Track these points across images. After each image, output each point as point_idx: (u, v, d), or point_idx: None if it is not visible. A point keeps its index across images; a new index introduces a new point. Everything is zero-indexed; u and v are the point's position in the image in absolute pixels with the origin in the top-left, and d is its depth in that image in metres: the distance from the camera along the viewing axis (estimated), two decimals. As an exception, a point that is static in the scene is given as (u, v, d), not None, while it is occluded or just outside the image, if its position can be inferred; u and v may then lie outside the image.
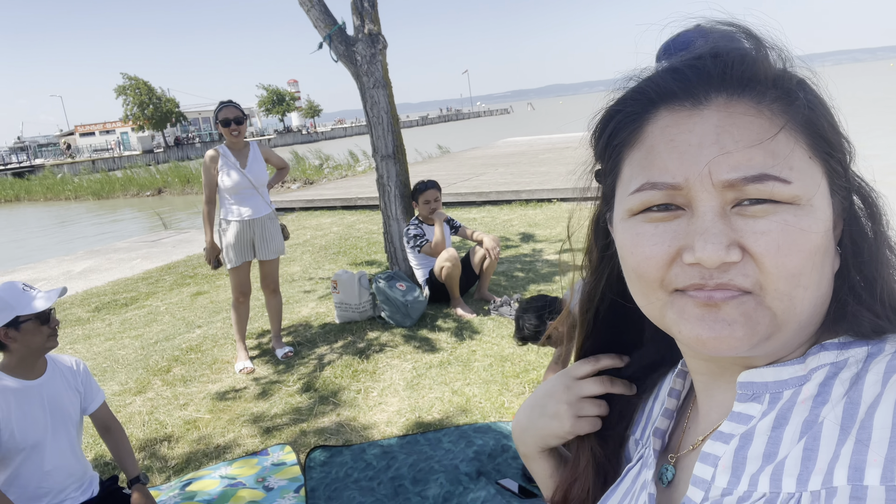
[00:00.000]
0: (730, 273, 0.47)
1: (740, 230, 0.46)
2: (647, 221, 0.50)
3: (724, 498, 0.49)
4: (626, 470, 0.67)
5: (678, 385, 0.65)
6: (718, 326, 0.47)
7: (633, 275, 0.53)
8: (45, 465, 2.45)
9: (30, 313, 2.35)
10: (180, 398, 4.08)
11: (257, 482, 2.98)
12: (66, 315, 6.61)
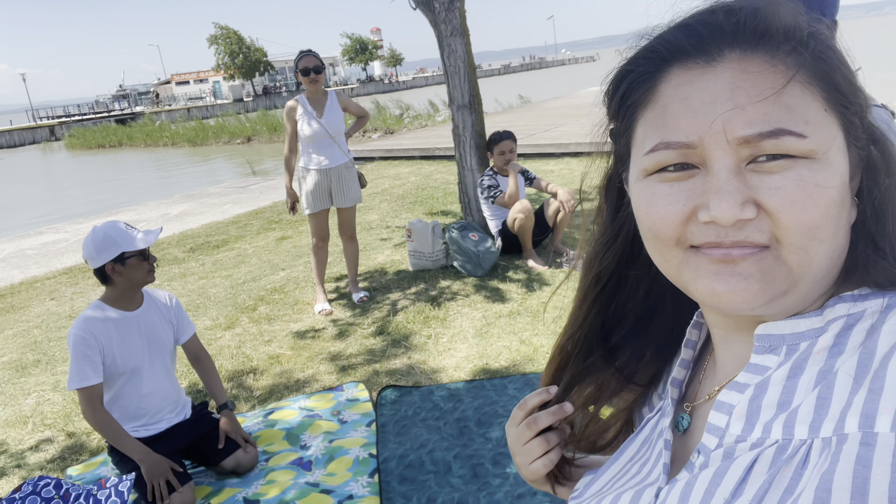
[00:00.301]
0: (745, 230, 0.47)
1: (755, 187, 0.47)
2: (662, 181, 0.51)
3: (737, 444, 0.50)
4: (646, 420, 0.68)
5: (694, 336, 0.65)
6: (734, 280, 0.48)
7: (649, 234, 0.53)
8: (143, 389, 2.71)
9: (133, 250, 2.57)
10: (265, 335, 4.36)
11: (333, 415, 3.18)
12: (163, 255, 7.10)
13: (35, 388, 4.03)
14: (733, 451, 0.50)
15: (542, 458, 0.73)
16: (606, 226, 0.65)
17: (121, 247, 2.56)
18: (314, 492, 2.57)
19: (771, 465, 0.46)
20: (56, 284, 6.61)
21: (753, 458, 0.47)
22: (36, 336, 5.06)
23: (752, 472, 0.47)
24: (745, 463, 0.47)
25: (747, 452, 0.48)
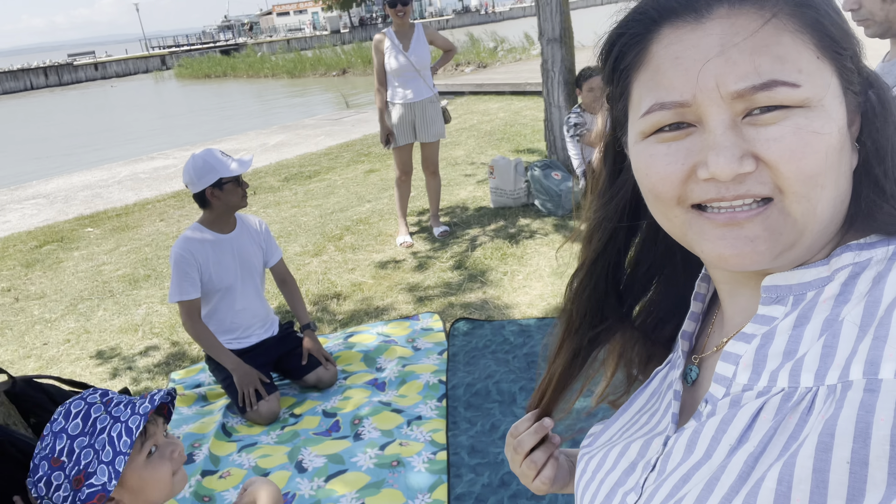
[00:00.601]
0: (746, 184, 0.47)
1: (752, 140, 0.47)
2: (660, 142, 0.51)
3: (744, 393, 0.50)
4: (655, 373, 0.70)
5: (702, 289, 0.66)
6: (740, 243, 0.48)
7: (650, 196, 0.53)
8: (235, 305, 2.95)
9: (229, 176, 2.76)
10: (349, 263, 4.57)
11: (407, 342, 3.34)
12: (260, 183, 7.47)
13: (145, 300, 4.45)
14: (740, 399, 0.50)
15: (537, 477, 0.76)
16: (606, 190, 0.66)
17: (219, 173, 2.74)
18: (386, 410, 2.75)
19: (776, 413, 0.47)
20: (165, 207, 7.14)
21: (759, 406, 0.48)
22: (147, 253, 5.53)
23: (758, 420, 0.48)
24: (751, 411, 0.48)
25: (753, 401, 0.49)
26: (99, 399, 1.12)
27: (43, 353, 3.85)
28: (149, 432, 1.13)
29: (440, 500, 2.21)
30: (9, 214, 8.15)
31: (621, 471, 0.61)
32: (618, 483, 0.61)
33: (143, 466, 1.11)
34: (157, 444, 1.15)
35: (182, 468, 1.19)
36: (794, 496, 0.42)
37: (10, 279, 5.37)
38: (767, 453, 0.45)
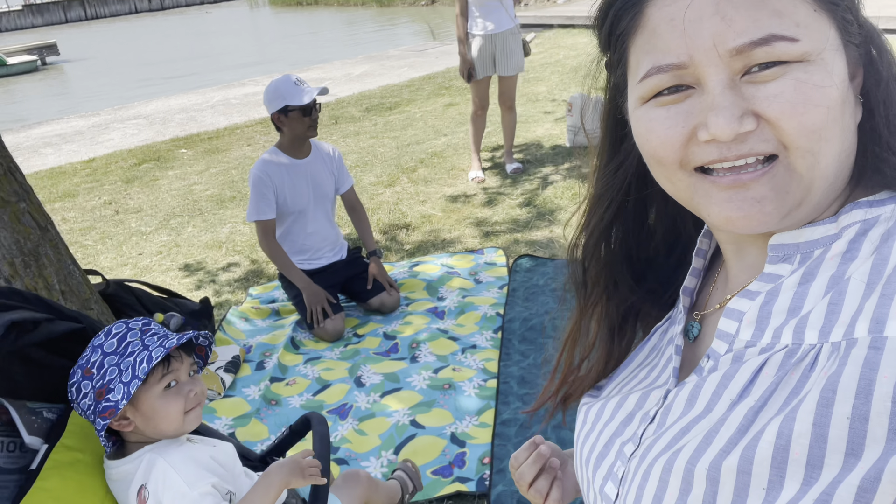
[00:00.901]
0: (748, 143, 0.46)
1: (752, 98, 0.46)
2: (659, 106, 0.50)
3: (746, 349, 0.50)
4: (655, 329, 0.70)
5: (704, 245, 0.65)
6: (747, 205, 0.48)
7: (652, 160, 0.53)
8: (307, 228, 3.10)
9: (296, 105, 2.85)
10: (420, 195, 4.65)
11: (470, 275, 3.42)
12: (342, 113, 7.61)
13: (230, 220, 4.73)
14: (742, 355, 0.50)
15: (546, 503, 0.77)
16: (609, 158, 0.65)
17: (285, 100, 2.84)
18: (443, 337, 2.86)
19: (779, 369, 0.47)
20: (252, 132, 7.42)
21: (762, 362, 0.48)
22: (233, 176, 5.82)
23: (760, 375, 0.48)
24: (753, 366, 0.49)
25: (756, 357, 0.49)
26: (139, 327, 1.23)
27: (138, 262, 4.19)
28: (171, 367, 1.22)
29: (486, 423, 2.32)
30: (112, 133, 8.72)
31: (619, 422, 0.62)
32: (616, 433, 0.61)
33: (158, 397, 1.20)
34: (177, 380, 1.23)
35: (199, 410, 1.25)
36: (793, 449, 0.42)
37: (112, 193, 5.81)
38: (768, 407, 0.46)
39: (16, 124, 10.64)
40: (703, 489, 0.47)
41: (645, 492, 0.52)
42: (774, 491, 0.43)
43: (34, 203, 2.32)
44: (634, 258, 0.70)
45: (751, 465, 0.44)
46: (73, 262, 2.47)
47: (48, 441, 1.23)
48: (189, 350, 1.29)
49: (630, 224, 0.68)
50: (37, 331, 1.24)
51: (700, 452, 0.48)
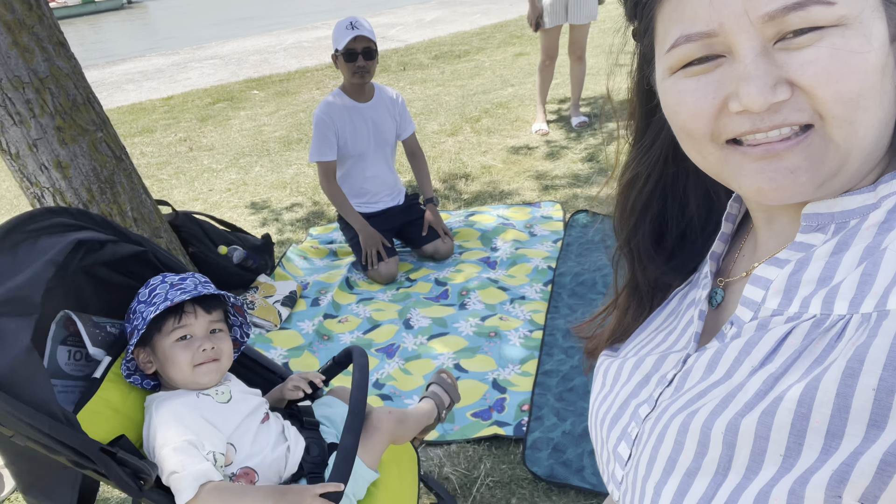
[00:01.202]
0: (782, 112, 0.44)
1: (785, 65, 0.43)
2: (688, 76, 0.48)
3: (772, 318, 0.49)
4: (674, 293, 0.68)
5: (734, 209, 0.63)
6: (779, 176, 0.46)
7: (682, 133, 0.51)
8: (366, 172, 3.15)
9: (338, 48, 2.87)
10: (482, 145, 4.62)
11: (525, 227, 3.41)
12: (410, 60, 7.57)
13: (295, 161, 4.84)
14: (767, 323, 0.49)
15: None
16: (642, 133, 0.64)
17: (335, 44, 2.87)
18: (493, 287, 2.89)
19: (804, 338, 0.45)
20: (322, 76, 7.50)
21: (787, 331, 0.47)
22: (301, 118, 5.92)
23: (784, 344, 0.46)
24: (778, 335, 0.47)
25: (782, 325, 0.47)
26: (172, 281, 1.31)
27: (208, 198, 4.38)
28: (183, 321, 1.29)
29: (528, 372, 2.35)
30: (190, 72, 8.98)
31: (635, 383, 0.61)
32: (631, 395, 0.61)
33: (170, 346, 1.29)
34: (192, 334, 1.30)
35: (213, 366, 1.30)
36: (814, 418, 0.41)
37: (187, 130, 6.03)
38: (789, 374, 0.44)
39: (101, 60, 11.11)
40: (718, 452, 0.46)
41: (660, 452, 0.52)
42: (792, 458, 0.42)
43: (110, 133, 2.45)
44: (667, 233, 0.69)
45: (769, 430, 0.43)
46: (145, 192, 2.60)
47: (110, 353, 1.34)
48: (209, 307, 1.33)
49: (666, 199, 0.67)
50: (103, 251, 1.33)
51: (716, 414, 0.47)
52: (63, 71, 2.22)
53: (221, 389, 1.32)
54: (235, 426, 1.27)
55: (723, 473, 0.46)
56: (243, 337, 1.47)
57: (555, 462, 1.95)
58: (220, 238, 2.95)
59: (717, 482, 0.46)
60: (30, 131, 2.19)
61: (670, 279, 0.71)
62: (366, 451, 1.39)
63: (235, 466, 1.25)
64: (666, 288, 0.72)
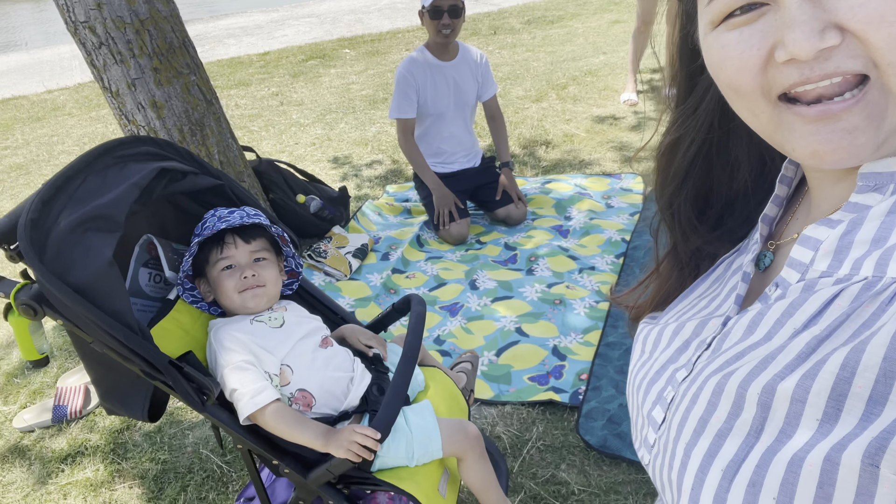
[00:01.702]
0: (833, 59, 0.41)
1: (833, 9, 0.40)
2: (730, 29, 0.45)
3: (820, 279, 0.46)
4: (720, 261, 0.65)
5: (790, 172, 0.59)
6: (836, 137, 0.43)
7: (729, 90, 0.48)
8: (444, 132, 3.15)
9: (424, 5, 2.85)
10: (567, 113, 4.52)
11: (602, 198, 3.32)
12: (502, 24, 7.45)
13: (378, 120, 4.90)
14: (815, 285, 0.46)
15: None
16: (686, 95, 0.60)
17: (422, 2, 2.86)
18: (562, 255, 2.85)
19: (853, 300, 0.43)
20: (412, 37, 7.51)
21: (835, 293, 0.44)
22: (388, 79, 5.97)
23: (831, 306, 0.43)
24: (825, 296, 0.44)
25: (830, 287, 0.44)
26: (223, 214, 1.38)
27: (293, 150, 4.51)
28: (224, 252, 1.37)
29: (590, 342, 2.32)
30: (287, 29, 9.22)
31: (674, 349, 0.60)
32: (670, 360, 0.59)
33: (217, 275, 1.38)
34: (235, 263, 1.38)
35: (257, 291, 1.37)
36: (857, 382, 0.38)
37: (279, 85, 6.22)
38: (834, 338, 0.42)
39: (205, 14, 11.56)
40: (752, 413, 0.44)
41: (692, 413, 0.50)
42: (829, 423, 0.39)
43: (203, 77, 2.56)
44: (712, 200, 0.65)
45: (807, 393, 0.41)
46: (231, 136, 2.71)
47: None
48: (248, 237, 1.39)
49: (711, 164, 0.63)
50: (184, 181, 1.41)
51: (754, 375, 0.45)
52: (162, 14, 2.33)
53: (274, 316, 1.38)
54: (289, 349, 1.33)
55: (755, 435, 0.44)
56: (298, 267, 1.53)
57: (609, 433, 1.93)
58: (299, 187, 3.05)
59: (749, 444, 0.44)
60: (129, 71, 2.32)
61: (714, 248, 0.67)
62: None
63: (293, 387, 1.31)
64: (712, 256, 0.68)
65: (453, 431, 1.37)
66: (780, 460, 0.41)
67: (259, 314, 1.38)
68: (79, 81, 7.29)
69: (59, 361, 2.46)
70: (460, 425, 1.40)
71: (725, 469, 0.44)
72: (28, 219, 1.09)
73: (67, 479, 1.94)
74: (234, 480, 1.89)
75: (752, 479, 0.42)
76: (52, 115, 6.01)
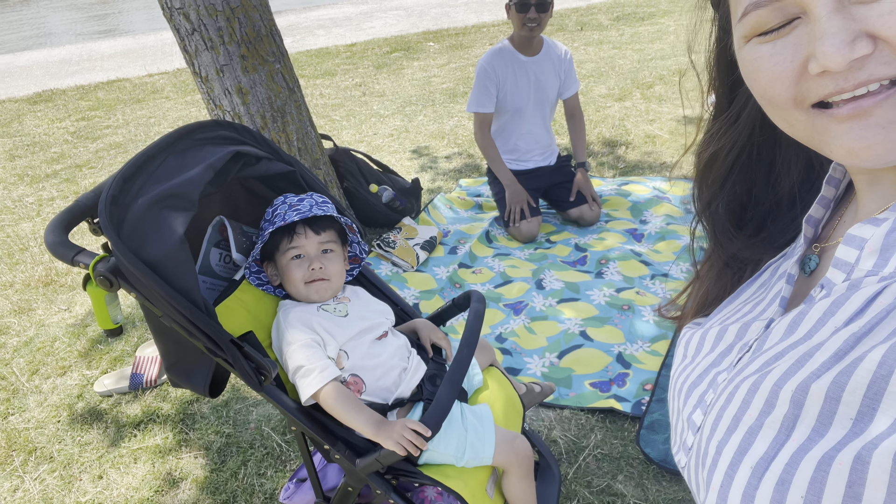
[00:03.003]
0: (867, 68, 0.41)
1: (864, 18, 0.40)
2: (763, 42, 0.46)
3: (865, 278, 0.45)
4: (766, 266, 0.64)
5: (838, 174, 0.58)
6: (871, 133, 0.42)
7: (764, 101, 0.48)
8: (521, 128, 3.11)
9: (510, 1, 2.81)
10: (650, 114, 4.37)
11: (682, 203, 3.19)
12: (590, 20, 7.28)
13: (457, 114, 4.90)
14: (859, 283, 0.45)
15: None
16: (725, 104, 0.61)
17: None
18: (635, 259, 2.75)
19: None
20: (497, 32, 7.47)
21: (878, 290, 0.43)
22: (469, 73, 5.96)
23: (873, 304, 0.43)
24: (867, 294, 0.44)
25: (874, 285, 0.44)
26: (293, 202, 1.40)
27: (372, 140, 4.58)
28: (293, 242, 1.39)
29: (658, 352, 2.23)
30: (374, 21, 9.37)
31: (717, 353, 0.59)
32: (713, 364, 0.59)
33: (286, 263, 1.40)
34: (305, 253, 1.40)
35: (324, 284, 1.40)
36: (894, 381, 0.37)
37: (363, 76, 6.33)
38: (873, 335, 0.41)
39: (300, 5, 11.91)
40: (784, 411, 0.43)
41: (726, 412, 0.49)
42: (863, 423, 0.38)
43: (287, 66, 2.62)
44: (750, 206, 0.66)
45: (842, 391, 0.40)
46: (311, 124, 2.78)
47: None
48: (319, 228, 1.42)
49: (751, 170, 0.64)
50: (257, 165, 1.44)
51: (790, 374, 0.44)
52: (252, 2, 2.41)
53: (339, 307, 1.40)
54: (348, 338, 1.35)
55: (786, 433, 0.43)
56: (362, 253, 1.55)
57: (671, 448, 1.85)
58: (372, 177, 3.09)
59: (780, 441, 0.43)
60: (218, 57, 2.41)
61: (753, 254, 0.68)
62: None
63: (346, 372, 1.34)
64: (755, 262, 0.68)
65: (505, 444, 1.36)
66: (811, 459, 0.40)
67: (325, 304, 1.41)
68: (177, 67, 7.67)
69: (140, 331, 2.60)
70: (512, 440, 1.38)
71: (755, 467, 0.44)
72: (109, 195, 1.15)
73: (139, 445, 2.04)
74: (292, 460, 1.94)
75: (781, 476, 0.41)
76: (151, 98, 6.36)
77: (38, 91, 7.01)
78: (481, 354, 1.60)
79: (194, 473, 1.92)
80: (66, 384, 2.35)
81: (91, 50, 9.59)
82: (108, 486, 1.91)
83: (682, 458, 0.59)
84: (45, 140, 5.27)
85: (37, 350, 2.56)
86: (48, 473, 1.97)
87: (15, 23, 15.43)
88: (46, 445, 2.08)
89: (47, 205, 4.00)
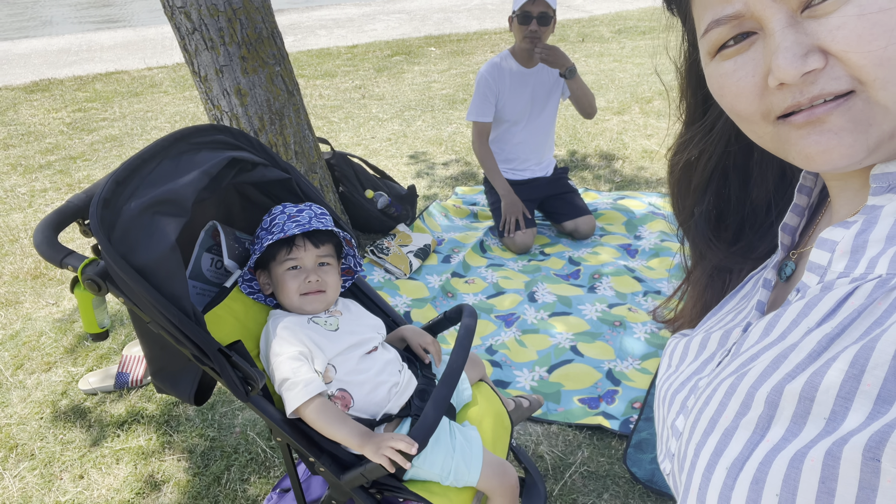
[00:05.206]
0: (819, 82, 0.43)
1: (815, 33, 0.42)
2: (725, 59, 0.48)
3: (837, 280, 0.47)
4: (749, 277, 0.66)
5: (808, 182, 0.60)
6: (824, 139, 0.44)
7: (734, 115, 0.51)
8: (517, 138, 3.11)
9: (514, 9, 2.81)
10: (648, 128, 4.38)
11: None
12: (591, 32, 7.30)
13: (455, 121, 4.90)
14: (832, 285, 0.47)
15: None
16: (698, 114, 0.64)
17: (513, 4, 2.81)
18: (628, 275, 2.75)
19: (867, 298, 0.43)
20: (499, 39, 7.48)
21: (850, 291, 0.45)
22: (470, 79, 5.97)
23: (845, 304, 0.45)
24: (839, 295, 0.45)
25: (845, 286, 0.46)
26: (292, 212, 1.39)
27: (369, 144, 4.57)
28: (292, 253, 1.38)
29: (648, 370, 2.23)
30: (377, 24, 9.36)
31: (701, 361, 0.61)
32: (695, 372, 0.60)
33: (282, 273, 1.39)
34: (301, 265, 1.39)
35: (319, 297, 1.39)
36: (866, 380, 0.39)
37: (363, 79, 6.32)
38: (845, 335, 0.42)
39: (302, 4, 11.90)
40: (759, 412, 0.45)
41: (703, 414, 0.50)
42: (836, 422, 0.39)
43: (287, 68, 2.61)
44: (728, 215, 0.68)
45: (815, 391, 0.41)
46: (308, 128, 2.76)
47: (242, 267, 1.45)
48: (318, 241, 1.40)
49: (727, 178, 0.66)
50: (253, 171, 1.43)
51: (765, 376, 0.46)
52: (254, 4, 2.40)
53: (330, 321, 1.39)
54: (337, 353, 1.33)
55: (760, 433, 0.44)
56: (356, 266, 1.54)
57: (658, 468, 1.85)
58: (368, 182, 3.08)
59: (754, 441, 0.44)
60: (218, 57, 2.39)
61: (734, 263, 0.70)
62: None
63: (334, 386, 1.32)
64: (738, 272, 0.71)
65: (492, 471, 1.34)
66: (784, 457, 0.41)
67: (316, 316, 1.39)
68: (177, 61, 7.65)
69: (128, 330, 2.58)
70: (501, 468, 1.37)
71: (730, 467, 0.45)
72: (101, 198, 1.13)
73: (122, 445, 2.02)
74: (276, 466, 1.92)
75: (755, 476, 0.42)
76: (149, 92, 6.33)
77: (35, 80, 6.96)
78: (471, 369, 1.59)
79: (177, 476, 1.90)
80: (51, 380, 2.32)
81: (91, 40, 9.54)
82: (89, 486, 1.89)
83: (667, 465, 0.60)
84: (40, 130, 5.23)
85: (22, 344, 2.53)
86: (28, 471, 1.95)
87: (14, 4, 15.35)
88: (28, 442, 2.05)
89: (39, 196, 3.97)
